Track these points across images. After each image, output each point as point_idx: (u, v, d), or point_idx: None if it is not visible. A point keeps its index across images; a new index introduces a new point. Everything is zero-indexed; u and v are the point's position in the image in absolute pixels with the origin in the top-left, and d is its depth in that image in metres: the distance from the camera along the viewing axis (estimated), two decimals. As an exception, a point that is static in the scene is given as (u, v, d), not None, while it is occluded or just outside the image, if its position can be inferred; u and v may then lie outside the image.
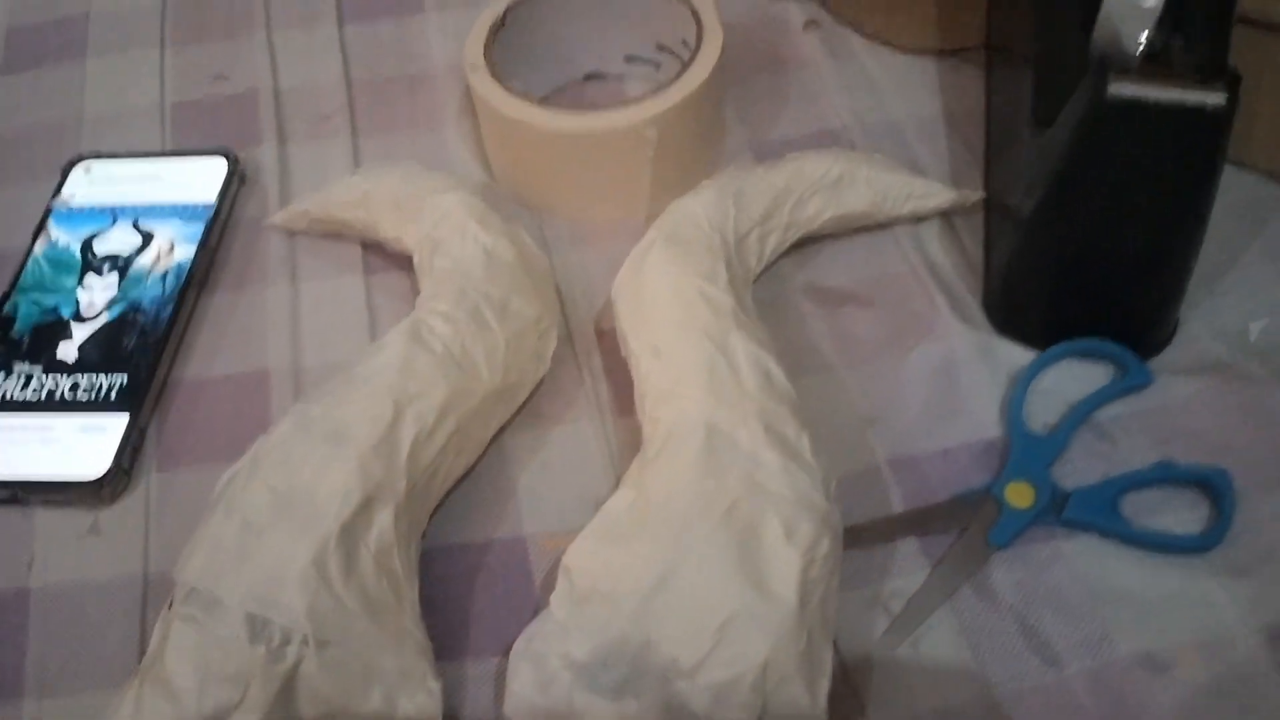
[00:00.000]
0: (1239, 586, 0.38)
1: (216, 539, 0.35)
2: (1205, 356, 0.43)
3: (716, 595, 0.33)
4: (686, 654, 0.33)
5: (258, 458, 0.37)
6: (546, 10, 0.52)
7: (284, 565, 0.34)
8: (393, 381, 0.38)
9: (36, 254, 0.50)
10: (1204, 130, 0.36)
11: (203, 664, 0.33)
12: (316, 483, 0.36)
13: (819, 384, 0.44)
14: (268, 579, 0.34)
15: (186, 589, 0.35)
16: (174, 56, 0.60)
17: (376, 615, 0.35)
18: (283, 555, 0.35)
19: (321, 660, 0.34)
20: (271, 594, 0.34)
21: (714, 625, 0.33)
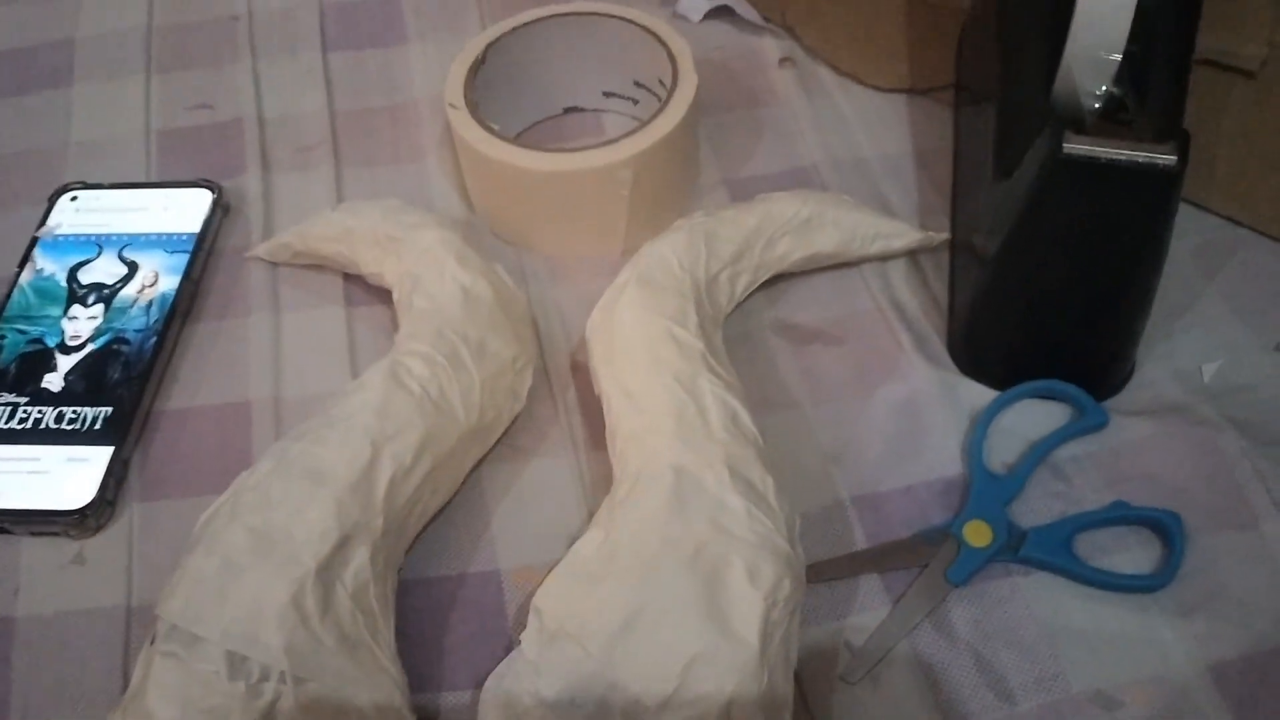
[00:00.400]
0: (1187, 625, 0.39)
1: (197, 577, 0.36)
2: (1160, 398, 0.45)
3: (681, 636, 0.34)
4: (652, 693, 0.34)
5: (237, 496, 0.38)
6: (526, 48, 0.53)
7: (262, 604, 0.35)
8: (370, 422, 0.39)
9: (22, 283, 0.51)
10: (1155, 188, 0.37)
11: (183, 699, 0.34)
12: (294, 522, 0.37)
13: (786, 420, 0.45)
14: (247, 617, 0.35)
15: (168, 626, 0.36)
16: (159, 84, 0.60)
17: (353, 652, 0.36)
18: (261, 594, 0.36)
19: (299, 696, 0.35)
20: (250, 632, 0.35)
21: (679, 666, 0.34)
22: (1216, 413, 0.44)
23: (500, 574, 0.42)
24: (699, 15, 0.61)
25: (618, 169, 0.47)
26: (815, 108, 0.56)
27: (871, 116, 0.56)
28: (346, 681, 0.36)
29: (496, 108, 0.52)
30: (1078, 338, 0.43)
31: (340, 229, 0.48)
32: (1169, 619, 0.39)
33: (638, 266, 0.44)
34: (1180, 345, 0.46)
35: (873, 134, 0.55)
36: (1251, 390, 0.45)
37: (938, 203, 0.52)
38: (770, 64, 0.59)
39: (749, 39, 0.60)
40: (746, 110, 0.57)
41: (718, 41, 0.60)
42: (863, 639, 0.39)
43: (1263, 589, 0.40)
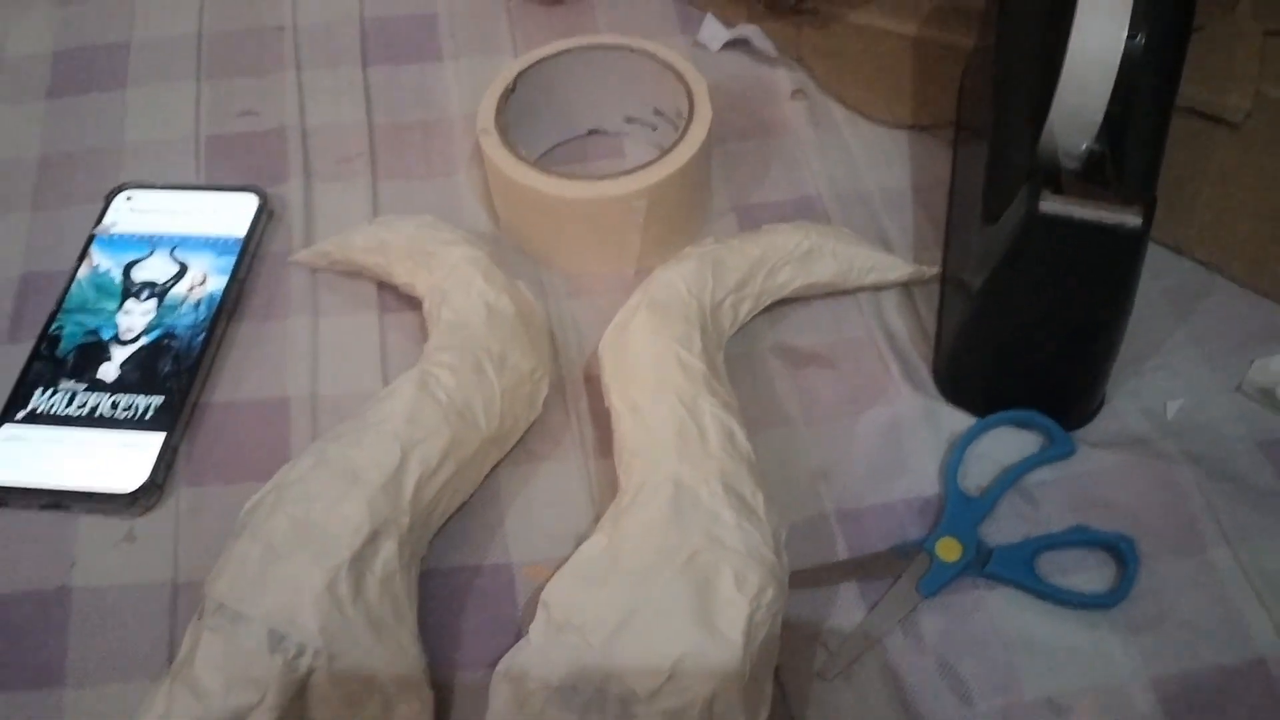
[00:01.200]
0: (1135, 641, 0.43)
1: (242, 560, 0.41)
2: (1125, 432, 0.48)
3: (673, 635, 0.38)
4: (644, 684, 0.38)
5: (280, 489, 0.42)
6: (554, 76, 0.57)
7: (301, 588, 0.40)
8: (400, 428, 0.43)
9: (80, 277, 0.55)
10: (1122, 246, 0.41)
11: (227, 669, 0.39)
12: (331, 515, 0.41)
13: (780, 436, 0.49)
14: (286, 599, 0.39)
15: (215, 603, 0.40)
16: (209, 90, 0.64)
17: (379, 633, 0.40)
18: (300, 579, 0.40)
19: (331, 671, 0.39)
20: (289, 613, 0.39)
21: (669, 660, 0.38)
22: (1176, 448, 0.47)
23: (512, 568, 0.46)
24: (718, 45, 0.64)
25: (634, 197, 0.51)
26: (822, 140, 0.60)
27: (875, 150, 0.59)
28: (374, 659, 0.40)
29: (524, 130, 0.56)
30: (1051, 373, 0.47)
31: (377, 241, 0.52)
32: (1119, 635, 0.43)
33: (649, 291, 0.48)
34: (1148, 383, 0.50)
35: (875, 167, 0.59)
36: (1211, 428, 0.48)
37: (932, 236, 0.55)
38: (783, 95, 0.62)
39: (764, 70, 0.64)
40: (758, 139, 0.60)
41: (734, 71, 0.63)
42: (839, 641, 0.43)
43: (1206, 611, 0.43)
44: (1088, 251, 0.42)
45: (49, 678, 0.43)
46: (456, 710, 0.42)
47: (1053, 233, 0.41)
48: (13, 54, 0.67)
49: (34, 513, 0.48)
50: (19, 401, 0.50)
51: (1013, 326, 0.46)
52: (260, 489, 0.43)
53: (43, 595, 0.45)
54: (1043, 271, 0.43)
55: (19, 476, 0.48)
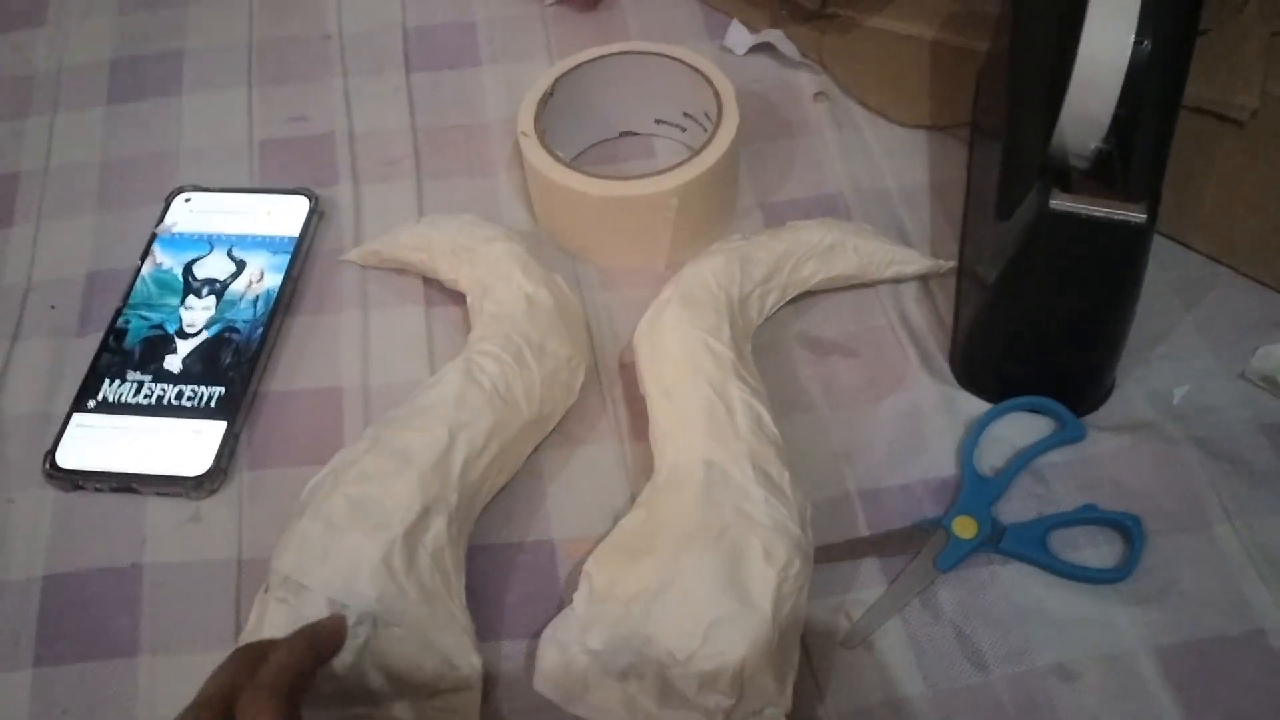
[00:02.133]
0: (1141, 613, 0.45)
1: (304, 537, 0.44)
2: (1133, 416, 0.51)
3: (706, 603, 0.41)
4: (680, 648, 0.41)
5: (338, 471, 0.46)
6: (589, 81, 0.60)
7: (359, 561, 0.43)
8: (449, 413, 0.46)
9: (144, 274, 0.58)
10: (1128, 240, 0.43)
11: None
12: (385, 494, 0.44)
13: (805, 421, 0.52)
14: (346, 572, 0.43)
15: (280, 576, 0.43)
16: (260, 96, 0.68)
17: (431, 602, 0.44)
18: (358, 553, 0.43)
19: (387, 637, 0.42)
20: (348, 584, 0.42)
21: (703, 627, 0.41)
22: (1182, 431, 0.50)
23: (554, 544, 0.49)
24: (743, 49, 0.67)
25: (666, 196, 0.54)
26: (844, 139, 0.63)
27: (895, 150, 0.62)
28: (426, 627, 0.43)
29: (561, 132, 0.59)
30: (1062, 361, 0.50)
31: (422, 239, 0.55)
32: (1125, 607, 0.45)
33: (680, 284, 0.51)
34: (1155, 370, 0.52)
35: (895, 166, 0.61)
36: (1215, 412, 0.51)
37: (948, 231, 0.58)
38: (806, 97, 0.65)
39: (787, 73, 0.66)
40: (782, 139, 0.63)
41: (759, 74, 0.66)
42: (861, 612, 0.46)
43: (1209, 585, 0.46)
44: (1096, 246, 0.44)
45: (125, 648, 0.47)
46: (504, 677, 0.45)
47: (1063, 229, 0.44)
48: (72, 63, 0.71)
49: (106, 495, 0.51)
50: (89, 391, 0.54)
51: (1025, 317, 0.49)
52: (318, 472, 0.46)
53: (117, 572, 0.49)
54: (1053, 265, 0.46)
55: (92, 461, 0.52)
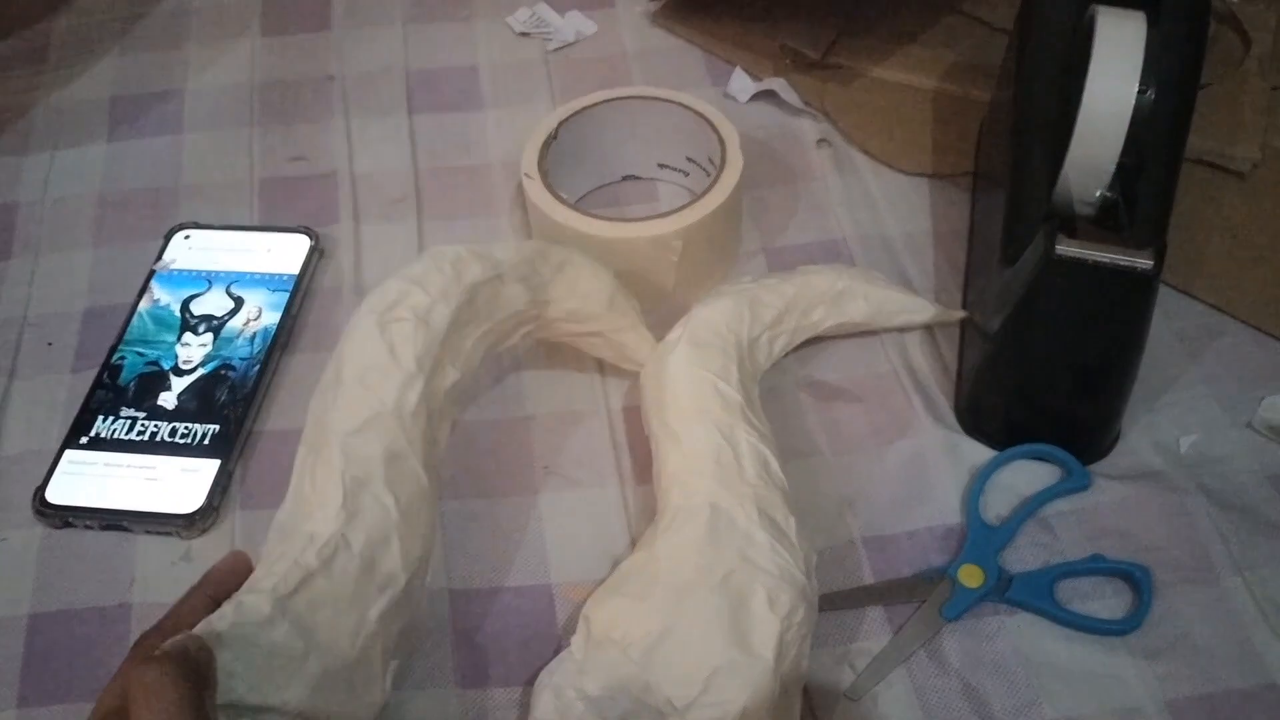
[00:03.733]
0: (1151, 666, 0.44)
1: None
2: (1140, 465, 0.50)
3: (708, 650, 0.40)
4: (679, 695, 0.40)
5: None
6: (593, 125, 0.60)
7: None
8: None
9: (141, 310, 0.58)
10: (1134, 287, 0.43)
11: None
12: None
13: (809, 466, 0.51)
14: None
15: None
16: (261, 135, 0.68)
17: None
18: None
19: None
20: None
21: (704, 674, 0.40)
22: (1189, 481, 0.49)
23: (552, 587, 0.48)
24: (746, 96, 0.67)
25: (669, 238, 0.54)
26: (847, 186, 0.63)
27: (897, 197, 0.62)
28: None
29: (564, 175, 0.59)
30: (1067, 408, 0.49)
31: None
32: (1135, 660, 0.45)
33: (688, 326, 0.51)
34: (1161, 419, 0.52)
35: (897, 213, 0.61)
36: (1222, 462, 0.50)
37: (952, 279, 0.58)
38: (808, 144, 0.65)
39: (790, 120, 0.67)
40: (785, 185, 0.63)
41: (762, 121, 0.66)
42: (865, 662, 0.45)
43: (1219, 637, 0.45)
44: (1101, 293, 0.44)
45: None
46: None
47: (1068, 275, 0.43)
48: (72, 100, 0.71)
49: (96, 532, 0.50)
50: (82, 428, 0.53)
51: (1030, 364, 0.49)
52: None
53: (105, 610, 0.48)
54: (1058, 312, 0.46)
55: (82, 498, 0.51)
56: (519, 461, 0.52)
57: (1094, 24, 0.46)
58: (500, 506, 0.51)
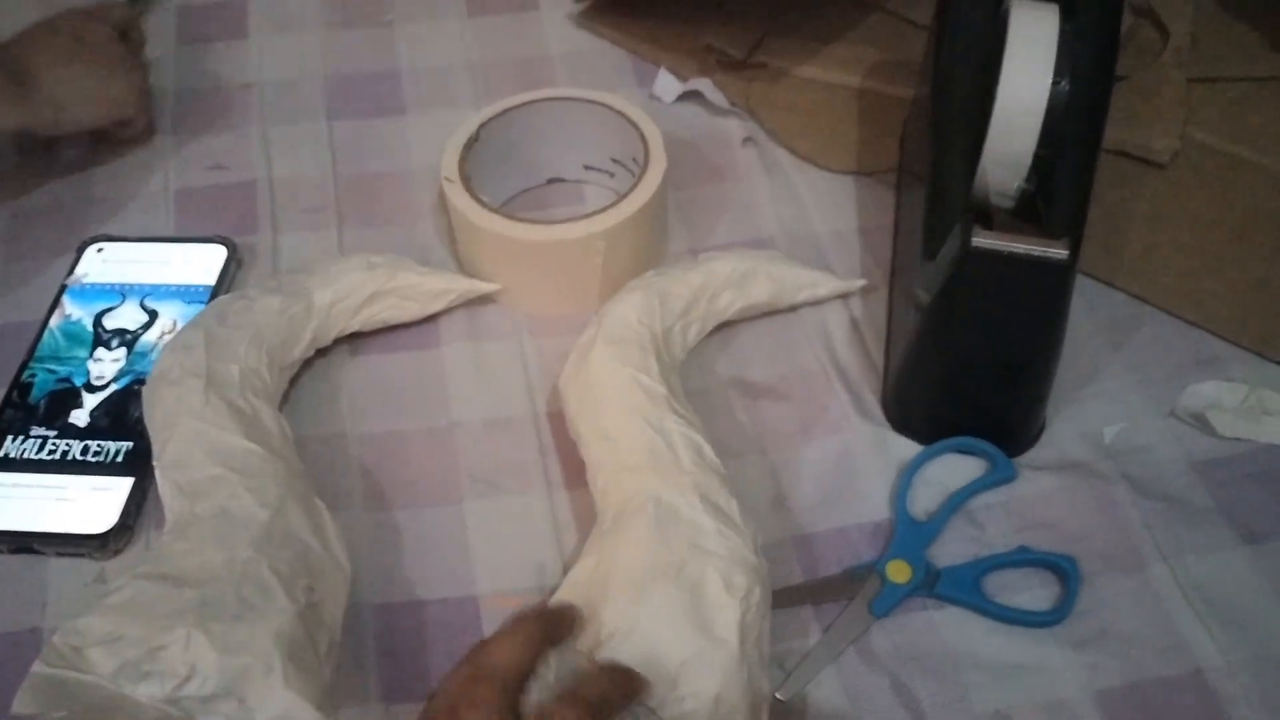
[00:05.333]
0: (1078, 657, 0.45)
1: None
2: (1065, 456, 0.50)
3: (673, 643, 0.40)
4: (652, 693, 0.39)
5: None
6: (515, 127, 0.59)
7: None
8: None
9: (52, 326, 0.56)
10: (1049, 277, 0.43)
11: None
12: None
13: (739, 466, 0.50)
14: None
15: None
16: (177, 144, 0.66)
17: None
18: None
19: None
20: None
21: (673, 668, 0.39)
22: (1114, 470, 0.50)
23: (477, 599, 0.47)
24: (672, 97, 0.67)
25: (593, 240, 0.53)
26: (773, 185, 0.63)
27: (823, 195, 0.62)
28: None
29: (487, 178, 0.58)
30: (991, 401, 0.49)
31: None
32: (1063, 650, 0.45)
33: (602, 324, 0.50)
34: (1086, 409, 0.52)
35: (824, 211, 0.61)
36: (1146, 451, 0.50)
37: (878, 274, 0.58)
38: (735, 143, 0.65)
39: (716, 121, 0.66)
40: (713, 185, 0.63)
41: (688, 121, 0.66)
42: (795, 662, 0.44)
43: (1146, 626, 0.45)
44: (1019, 283, 0.44)
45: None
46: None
47: (985, 266, 0.43)
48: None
49: (5, 556, 0.49)
50: (-10, 448, 0.51)
51: (953, 357, 0.48)
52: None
53: (15, 636, 0.46)
54: (978, 303, 0.46)
55: (-10, 521, 0.49)
56: (444, 471, 0.51)
57: (1008, 17, 0.46)
58: (424, 517, 0.50)
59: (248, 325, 0.51)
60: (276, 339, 0.51)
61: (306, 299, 0.53)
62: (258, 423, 0.48)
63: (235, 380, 0.49)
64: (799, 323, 0.56)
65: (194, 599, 0.40)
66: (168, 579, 0.41)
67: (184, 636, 0.39)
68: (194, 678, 0.38)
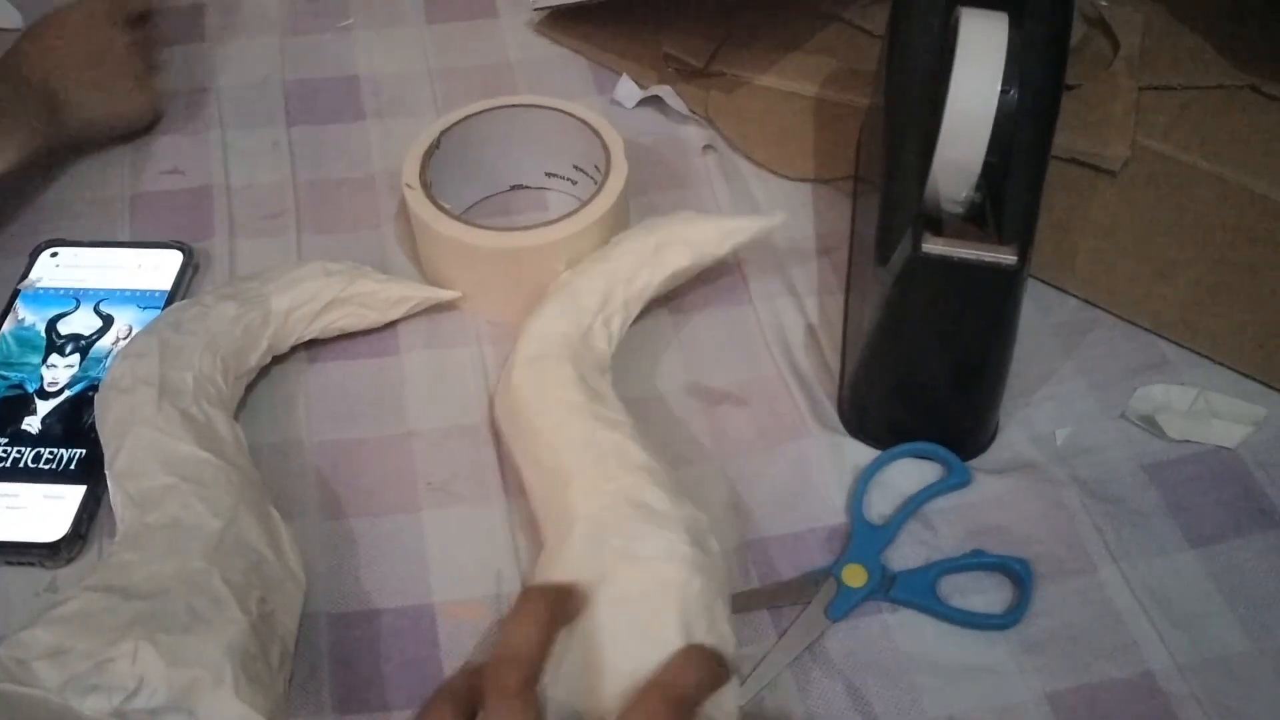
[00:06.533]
0: (1030, 659, 0.45)
1: None
2: (1017, 459, 0.51)
3: (621, 661, 0.39)
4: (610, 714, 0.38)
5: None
6: (477, 134, 0.59)
7: None
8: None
9: (4, 332, 0.55)
10: (999, 283, 0.44)
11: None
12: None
13: (696, 472, 0.51)
14: None
15: None
16: (133, 149, 0.66)
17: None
18: None
19: None
20: None
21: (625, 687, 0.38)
22: (1065, 473, 0.50)
23: (434, 607, 0.47)
24: (632, 103, 0.67)
25: (554, 247, 0.53)
26: (733, 191, 0.63)
27: (781, 201, 0.62)
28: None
29: (449, 186, 0.58)
30: (944, 405, 0.50)
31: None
32: (1015, 653, 0.45)
33: (520, 345, 0.50)
34: (1038, 413, 0.53)
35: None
36: (1097, 453, 0.51)
37: (835, 281, 0.58)
38: (695, 150, 0.65)
39: (676, 127, 0.67)
40: (673, 190, 0.63)
41: (648, 128, 0.66)
42: (751, 666, 0.45)
43: (1097, 627, 0.46)
44: (969, 289, 0.44)
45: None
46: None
47: (935, 272, 0.44)
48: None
49: (-46, 566, 0.48)
50: (-61, 457, 0.51)
51: (905, 363, 0.49)
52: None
53: (-38, 647, 0.45)
54: (928, 309, 0.46)
55: (-62, 530, 0.48)
56: (400, 479, 0.51)
57: (958, 26, 0.47)
58: (380, 525, 0.49)
59: (203, 332, 0.50)
60: (232, 346, 0.51)
61: (263, 306, 0.53)
62: (211, 431, 0.47)
63: (189, 388, 0.48)
64: (756, 329, 0.56)
65: (144, 611, 0.40)
66: (116, 590, 0.41)
67: (132, 649, 0.38)
68: (142, 690, 0.38)
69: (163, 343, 0.50)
